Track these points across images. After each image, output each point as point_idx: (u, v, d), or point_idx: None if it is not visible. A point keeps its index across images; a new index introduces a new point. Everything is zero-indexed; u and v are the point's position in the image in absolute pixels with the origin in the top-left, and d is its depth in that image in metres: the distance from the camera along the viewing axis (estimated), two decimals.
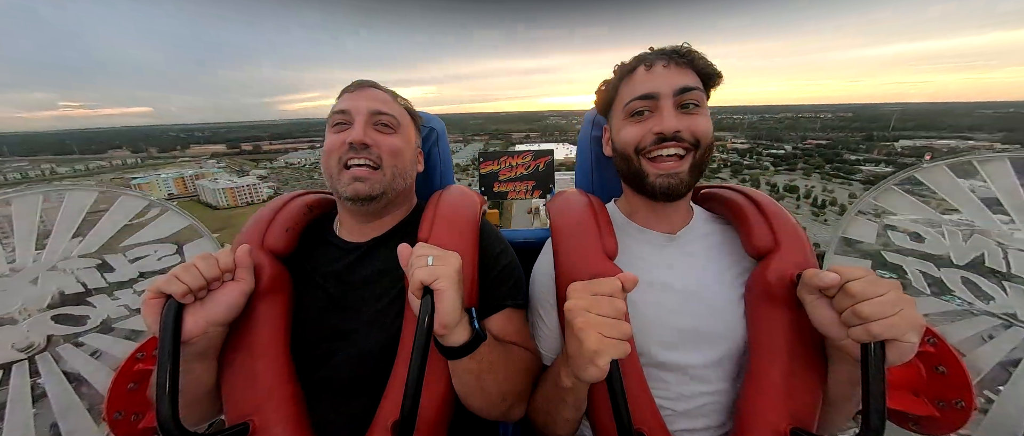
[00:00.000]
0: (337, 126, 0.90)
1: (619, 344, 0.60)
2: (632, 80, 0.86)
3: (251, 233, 0.90)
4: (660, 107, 0.82)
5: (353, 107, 0.89)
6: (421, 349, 0.61)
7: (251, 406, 0.75)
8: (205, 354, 0.75)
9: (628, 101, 0.85)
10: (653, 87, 0.82)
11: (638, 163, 0.85)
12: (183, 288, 0.68)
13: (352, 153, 0.86)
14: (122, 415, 0.95)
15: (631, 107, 0.85)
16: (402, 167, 0.93)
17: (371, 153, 0.88)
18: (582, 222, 0.89)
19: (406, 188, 0.98)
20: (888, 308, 0.57)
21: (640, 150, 0.84)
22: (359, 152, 0.87)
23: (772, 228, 0.83)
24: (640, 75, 0.85)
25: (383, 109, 0.91)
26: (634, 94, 0.84)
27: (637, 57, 0.89)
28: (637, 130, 0.84)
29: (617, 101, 0.90)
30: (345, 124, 0.90)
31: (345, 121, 0.90)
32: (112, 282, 1.04)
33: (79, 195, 1.01)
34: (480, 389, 0.76)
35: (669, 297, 0.84)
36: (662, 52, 0.85)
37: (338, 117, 0.90)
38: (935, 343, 0.91)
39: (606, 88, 0.94)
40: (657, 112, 0.82)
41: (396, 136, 0.92)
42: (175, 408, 0.62)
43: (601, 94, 0.96)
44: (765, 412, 0.72)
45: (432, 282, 0.65)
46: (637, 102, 0.83)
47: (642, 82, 0.84)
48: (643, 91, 0.83)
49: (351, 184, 0.86)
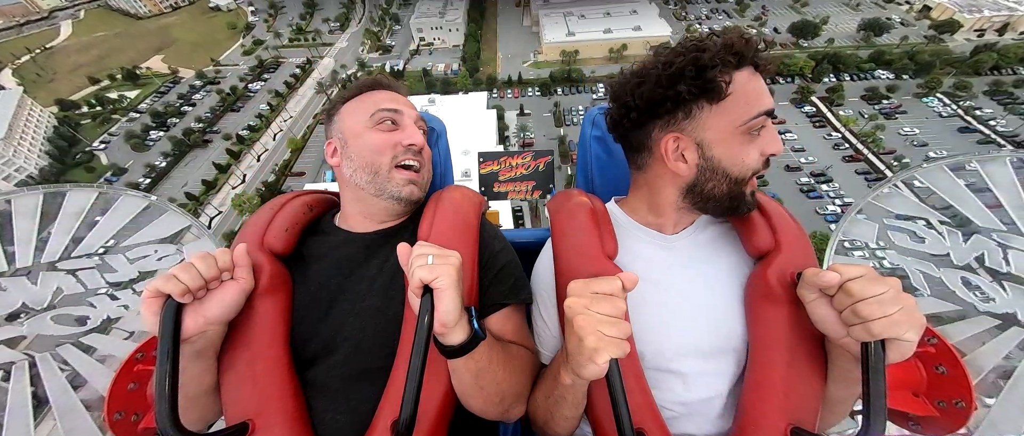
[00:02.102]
0: (384, 124, 0.93)
1: (618, 343, 0.60)
2: (746, 81, 0.74)
3: (250, 233, 0.90)
4: (769, 125, 0.76)
5: (405, 109, 0.95)
6: (421, 348, 0.61)
7: (250, 406, 0.75)
8: (204, 353, 0.76)
9: (752, 116, 0.74)
10: (769, 101, 0.74)
11: (746, 187, 0.80)
12: (182, 287, 0.68)
13: (410, 155, 0.93)
14: (122, 415, 0.95)
15: (755, 125, 0.75)
16: (431, 171, 1.02)
17: (422, 157, 0.96)
18: (582, 222, 0.89)
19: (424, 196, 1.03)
20: (888, 307, 0.57)
21: (754, 173, 0.78)
22: (416, 155, 0.94)
23: (773, 228, 0.83)
24: (747, 81, 0.74)
25: (420, 116, 0.99)
26: (756, 108, 0.74)
27: (739, 48, 0.73)
28: (756, 153, 0.77)
29: (724, 108, 0.75)
30: (395, 124, 0.94)
31: (395, 121, 0.94)
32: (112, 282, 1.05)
33: (80, 195, 1.01)
34: (479, 388, 0.76)
35: (670, 300, 0.83)
36: (753, 50, 0.74)
37: (387, 115, 0.93)
38: (935, 343, 0.91)
39: (689, 76, 0.74)
40: (767, 129, 0.77)
41: (429, 144, 1.00)
42: (174, 406, 0.62)
43: (668, 85, 0.76)
44: (765, 411, 0.72)
45: (432, 281, 0.65)
46: (761, 119, 0.74)
47: (760, 91, 0.75)
48: (766, 106, 0.74)
49: (407, 186, 0.93)
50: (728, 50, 0.72)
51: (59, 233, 0.99)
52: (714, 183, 0.80)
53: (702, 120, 0.77)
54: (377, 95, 0.97)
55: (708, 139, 0.77)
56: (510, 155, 1.55)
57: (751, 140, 0.76)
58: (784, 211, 0.87)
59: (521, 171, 1.54)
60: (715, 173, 0.79)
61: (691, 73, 0.73)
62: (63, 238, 0.99)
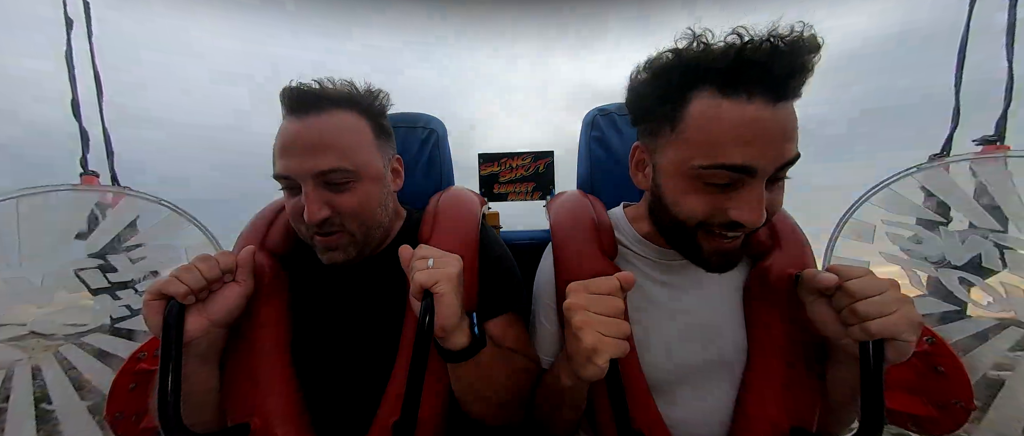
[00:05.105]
0: (286, 189, 0.79)
1: (618, 343, 0.60)
2: (722, 114, 0.54)
3: (252, 234, 0.90)
4: (750, 186, 0.57)
5: (297, 171, 0.74)
6: (421, 351, 0.61)
7: (251, 407, 0.75)
8: (207, 356, 0.76)
9: (703, 164, 0.57)
10: (753, 157, 0.54)
11: (694, 236, 0.65)
12: (184, 289, 0.67)
13: (314, 228, 0.77)
14: (123, 415, 0.95)
15: (707, 176, 0.58)
16: (371, 216, 0.82)
17: (333, 223, 0.77)
18: (581, 223, 0.89)
19: (386, 223, 0.89)
20: (886, 307, 0.57)
21: (705, 226, 0.63)
22: (321, 227, 0.77)
23: (772, 228, 0.83)
24: (737, 111, 0.53)
25: (330, 166, 0.74)
26: (718, 158, 0.55)
27: (737, 60, 0.52)
28: (708, 207, 0.60)
29: (681, 139, 0.59)
30: (293, 189, 0.77)
31: (291, 186, 0.77)
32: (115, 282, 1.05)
33: (80, 196, 1.01)
34: (479, 394, 0.76)
35: (680, 307, 0.82)
36: (778, 70, 0.52)
37: (282, 180, 0.77)
38: (933, 343, 0.92)
39: (655, 92, 0.62)
40: (743, 189, 0.57)
41: (354, 189, 0.78)
42: (177, 408, 0.62)
43: (640, 97, 0.66)
44: (765, 411, 0.72)
45: (432, 286, 0.65)
46: (719, 173, 0.56)
47: (738, 137, 0.54)
48: (736, 160, 0.54)
49: (325, 254, 0.80)
50: (730, 66, 0.53)
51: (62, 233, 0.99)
52: (660, 214, 0.70)
53: (661, 143, 0.64)
54: (279, 137, 0.77)
55: (661, 165, 0.65)
56: (510, 156, 1.55)
57: (704, 190, 0.60)
58: (783, 211, 0.87)
59: (521, 172, 1.54)
60: (660, 203, 0.68)
61: (646, 85, 0.63)
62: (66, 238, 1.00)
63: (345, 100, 0.79)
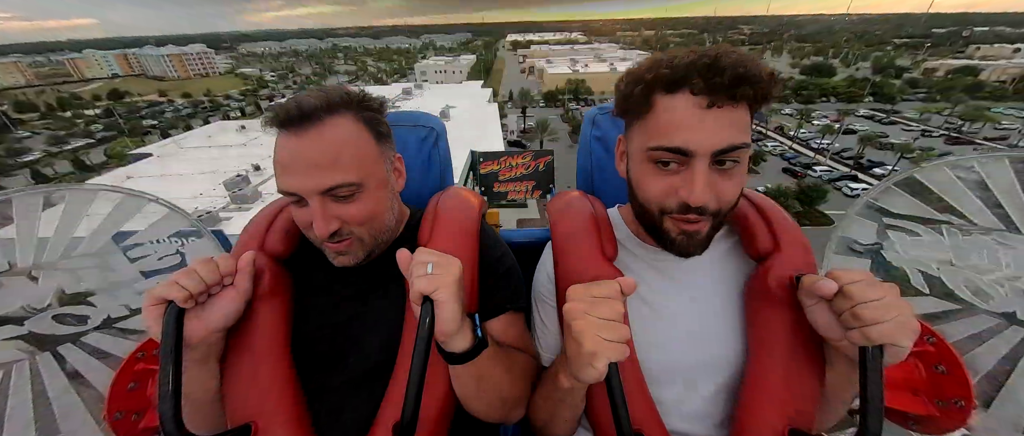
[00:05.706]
0: (293, 203, 0.78)
1: (617, 347, 0.60)
2: (671, 108, 0.67)
3: (251, 236, 0.90)
4: (692, 167, 0.66)
5: (302, 188, 0.74)
6: (421, 356, 0.61)
7: (252, 409, 0.75)
8: (207, 360, 0.76)
9: (652, 146, 0.69)
10: (688, 141, 0.65)
11: (659, 219, 0.73)
12: (184, 293, 0.67)
13: (325, 238, 0.77)
14: (122, 415, 0.95)
15: (655, 155, 0.69)
16: (379, 221, 0.83)
17: (342, 232, 0.78)
18: (582, 224, 0.89)
19: (393, 225, 0.89)
20: (886, 312, 0.58)
21: (665, 210, 0.72)
22: (332, 237, 0.78)
23: (772, 231, 0.83)
24: (681, 106, 0.66)
25: (336, 182, 0.74)
26: (662, 141, 0.67)
27: (685, 70, 0.65)
28: (662, 187, 0.70)
29: (644, 127, 0.71)
30: (299, 201, 0.77)
31: (297, 200, 0.77)
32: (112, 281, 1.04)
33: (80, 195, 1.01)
34: (480, 393, 0.76)
35: (673, 309, 0.83)
36: (717, 78, 0.63)
37: (289, 197, 0.77)
38: (934, 342, 0.91)
39: (631, 91, 0.72)
40: (687, 171, 0.67)
41: (361, 199, 0.78)
42: (178, 412, 0.62)
43: (625, 97, 0.75)
44: (764, 413, 0.72)
45: (432, 293, 0.64)
46: (663, 153, 0.68)
47: (679, 125, 0.66)
48: (676, 143, 0.66)
49: (337, 258, 0.81)
50: (683, 73, 0.66)
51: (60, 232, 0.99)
52: (633, 200, 0.79)
53: (632, 133, 0.77)
54: (279, 153, 0.75)
55: (631, 151, 0.77)
56: (510, 155, 1.55)
57: (658, 171, 0.70)
58: (783, 213, 0.87)
59: (521, 171, 1.54)
60: (631, 189, 0.79)
61: (628, 86, 0.73)
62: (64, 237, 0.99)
63: (340, 105, 0.78)
